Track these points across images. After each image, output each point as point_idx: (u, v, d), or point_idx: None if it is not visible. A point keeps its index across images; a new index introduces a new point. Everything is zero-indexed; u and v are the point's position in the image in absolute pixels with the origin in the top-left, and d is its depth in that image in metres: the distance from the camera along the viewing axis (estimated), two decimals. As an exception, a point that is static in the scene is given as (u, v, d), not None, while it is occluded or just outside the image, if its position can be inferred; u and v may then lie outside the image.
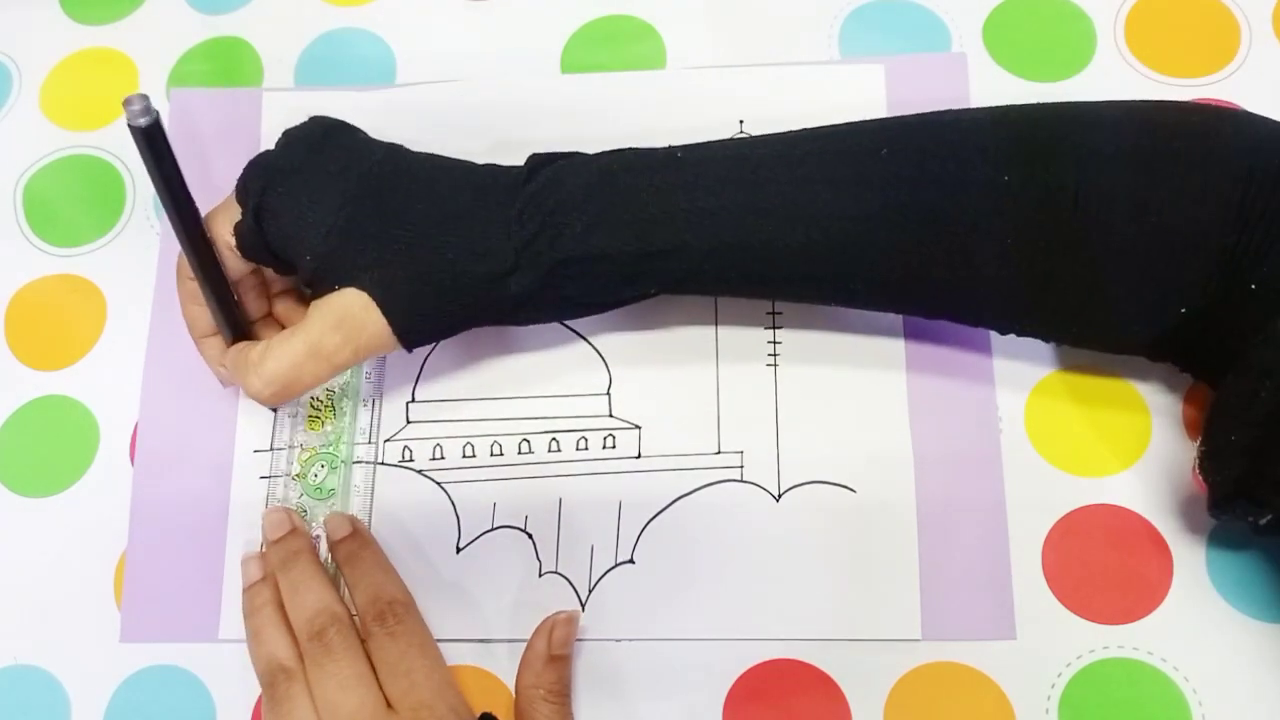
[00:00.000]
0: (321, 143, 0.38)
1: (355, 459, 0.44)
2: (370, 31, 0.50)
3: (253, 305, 0.42)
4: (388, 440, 0.44)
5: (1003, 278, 0.36)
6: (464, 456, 0.44)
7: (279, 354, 0.37)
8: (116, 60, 0.51)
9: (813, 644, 0.40)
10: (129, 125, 0.34)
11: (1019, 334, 0.39)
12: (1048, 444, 0.41)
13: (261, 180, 0.37)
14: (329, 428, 0.43)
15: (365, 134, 0.39)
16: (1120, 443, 0.41)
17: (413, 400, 0.44)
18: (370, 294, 0.36)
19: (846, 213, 0.36)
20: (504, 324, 0.39)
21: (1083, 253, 0.35)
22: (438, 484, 0.43)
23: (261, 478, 0.44)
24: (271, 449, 0.44)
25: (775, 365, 0.43)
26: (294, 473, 0.43)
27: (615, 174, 0.37)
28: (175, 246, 0.46)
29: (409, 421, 0.44)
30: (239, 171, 0.38)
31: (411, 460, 0.44)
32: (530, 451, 0.43)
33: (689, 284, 0.38)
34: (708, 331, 0.44)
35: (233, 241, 0.38)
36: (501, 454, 0.43)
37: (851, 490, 0.42)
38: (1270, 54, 0.46)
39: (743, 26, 0.48)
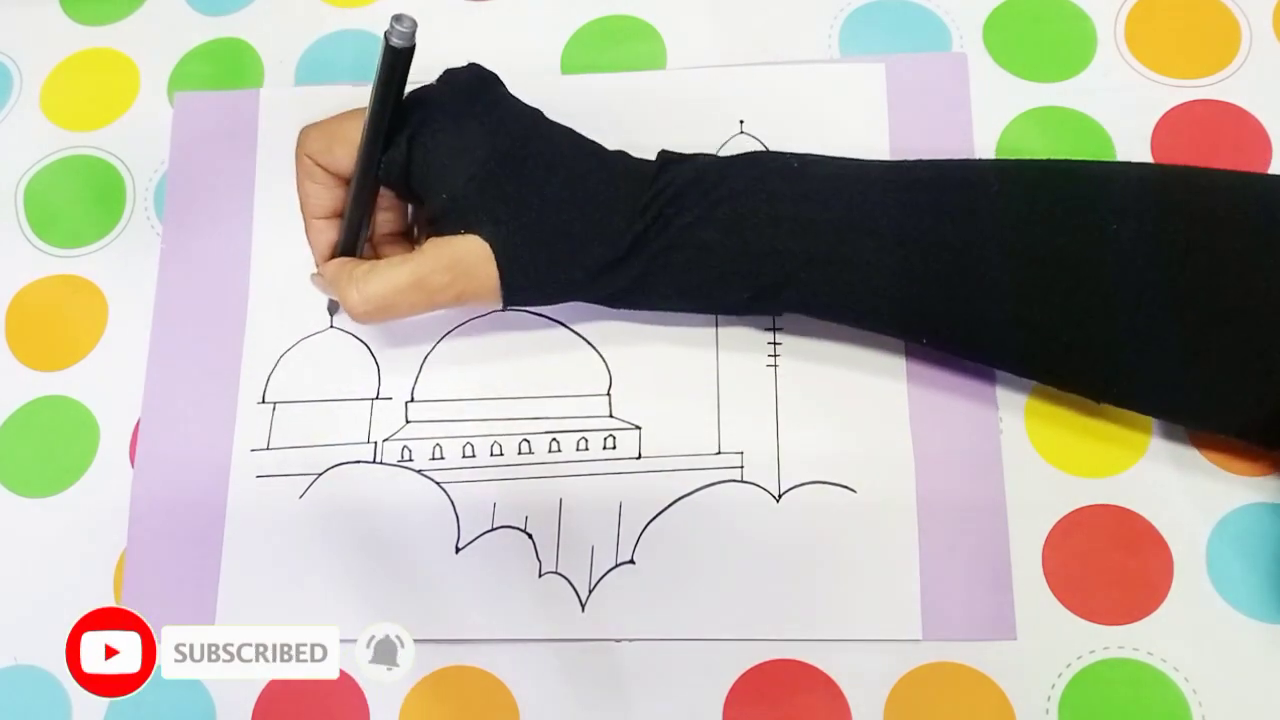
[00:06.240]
0: (479, 91, 0.39)
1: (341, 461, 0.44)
2: (370, 32, 0.50)
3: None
4: (387, 440, 0.44)
5: (1107, 333, 0.35)
6: (464, 456, 0.44)
7: (386, 276, 0.38)
8: (117, 61, 0.51)
9: (813, 644, 0.40)
10: (385, 37, 0.35)
11: (1115, 401, 0.38)
12: (1048, 444, 0.41)
13: (421, 114, 0.38)
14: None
15: (508, 91, 0.40)
16: (1120, 443, 0.41)
17: (412, 400, 0.44)
18: (492, 246, 0.38)
19: (949, 240, 0.36)
20: (601, 304, 0.40)
21: (1187, 314, 0.34)
22: (437, 484, 0.43)
23: (259, 477, 0.44)
24: (269, 448, 0.44)
25: (775, 365, 0.43)
26: None
27: (731, 176, 0.38)
28: (175, 248, 0.47)
29: (408, 421, 0.44)
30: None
31: (411, 460, 0.44)
32: (530, 452, 0.43)
33: (783, 294, 0.38)
34: (708, 332, 0.44)
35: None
36: (501, 454, 0.43)
37: (851, 490, 0.42)
38: (1270, 54, 0.45)
39: (743, 26, 0.48)
